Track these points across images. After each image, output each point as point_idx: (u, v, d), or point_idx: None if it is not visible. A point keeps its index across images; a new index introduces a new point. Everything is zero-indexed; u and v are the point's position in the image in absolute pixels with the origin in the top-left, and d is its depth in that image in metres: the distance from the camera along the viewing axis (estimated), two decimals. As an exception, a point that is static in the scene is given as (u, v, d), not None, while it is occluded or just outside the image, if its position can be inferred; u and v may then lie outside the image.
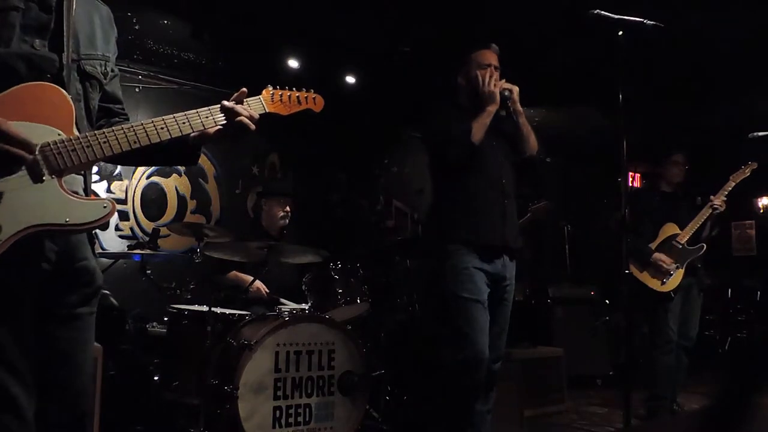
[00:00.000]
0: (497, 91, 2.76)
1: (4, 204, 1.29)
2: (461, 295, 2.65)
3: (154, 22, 4.66)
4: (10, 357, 1.35)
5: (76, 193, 1.43)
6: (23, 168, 1.32)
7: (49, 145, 1.34)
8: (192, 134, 1.56)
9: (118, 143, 1.43)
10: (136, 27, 4.54)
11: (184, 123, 1.53)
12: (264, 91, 1.73)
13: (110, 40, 1.62)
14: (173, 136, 1.51)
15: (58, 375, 1.47)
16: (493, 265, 2.74)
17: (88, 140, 1.39)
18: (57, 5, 1.43)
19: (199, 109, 1.57)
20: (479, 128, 2.71)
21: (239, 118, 1.58)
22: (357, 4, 4.50)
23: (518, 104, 2.81)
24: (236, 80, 2.12)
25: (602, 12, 2.59)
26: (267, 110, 1.71)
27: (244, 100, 1.66)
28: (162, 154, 1.62)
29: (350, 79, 5.65)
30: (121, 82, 1.74)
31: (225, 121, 1.58)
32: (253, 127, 1.61)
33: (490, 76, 2.78)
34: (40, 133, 1.34)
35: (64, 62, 1.42)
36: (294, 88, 1.79)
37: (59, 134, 1.36)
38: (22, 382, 1.36)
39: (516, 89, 2.80)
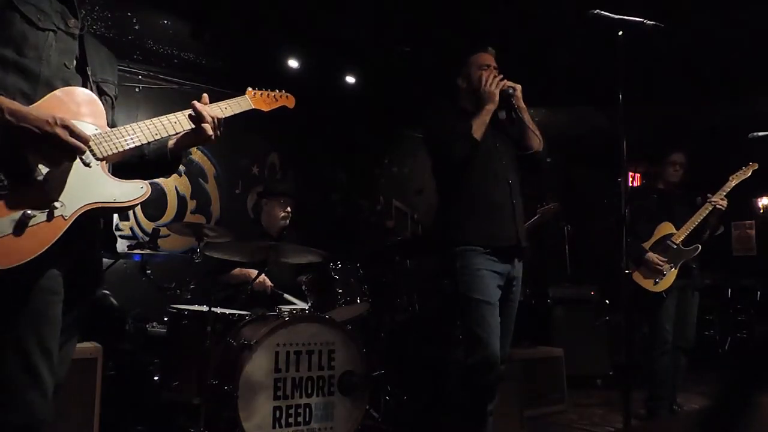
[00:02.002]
0: (496, 90, 2.78)
1: (65, 184, 1.51)
2: (474, 296, 2.65)
3: (154, 22, 4.66)
4: (48, 343, 1.49)
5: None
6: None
7: (90, 137, 1.56)
8: (170, 142, 1.79)
9: (144, 134, 1.67)
10: (136, 27, 4.54)
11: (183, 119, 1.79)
12: (248, 91, 2.03)
13: (115, 73, 1.85)
14: (185, 129, 1.77)
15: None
16: (503, 266, 2.74)
17: (121, 133, 1.63)
18: (79, 35, 1.68)
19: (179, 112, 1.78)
20: (479, 125, 2.73)
21: (204, 125, 1.77)
22: (357, 4, 4.50)
23: (521, 101, 2.83)
24: (236, 80, 2.16)
25: (602, 12, 2.60)
26: (252, 106, 2.00)
27: (236, 99, 1.92)
28: (151, 166, 1.81)
29: (350, 79, 5.65)
30: (121, 82, 1.86)
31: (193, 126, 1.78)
32: (210, 133, 1.79)
33: (493, 77, 2.81)
34: (83, 128, 1.55)
35: (88, 79, 1.67)
36: (270, 89, 2.12)
37: (96, 129, 1.60)
38: (51, 364, 1.50)
39: (519, 87, 2.82)
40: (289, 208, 4.00)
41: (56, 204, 1.47)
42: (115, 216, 4.89)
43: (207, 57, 5.07)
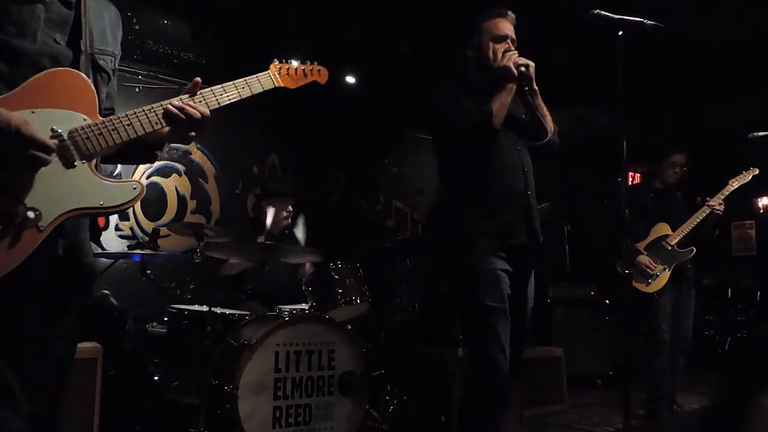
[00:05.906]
0: (510, 64, 2.44)
1: (40, 190, 1.32)
2: (486, 303, 2.37)
3: (154, 22, 4.66)
4: (19, 357, 1.35)
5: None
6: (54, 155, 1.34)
7: (77, 130, 1.38)
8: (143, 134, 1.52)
9: (141, 125, 1.46)
10: (136, 27, 4.54)
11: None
12: (271, 66, 1.77)
13: (117, 38, 1.65)
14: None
15: (34, 368, 1.44)
16: (516, 265, 2.48)
17: (114, 124, 1.43)
18: (75, 1, 1.48)
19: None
20: (500, 109, 2.40)
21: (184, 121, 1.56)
22: (357, 4, 4.50)
23: (534, 83, 2.50)
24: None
25: (602, 12, 2.59)
26: (276, 84, 1.75)
27: (255, 76, 1.69)
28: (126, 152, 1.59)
29: (350, 79, 5.65)
30: (121, 82, 1.76)
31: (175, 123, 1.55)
32: (192, 133, 1.58)
33: (504, 50, 2.50)
34: (66, 119, 1.37)
35: (81, 54, 1.46)
36: (299, 62, 1.84)
37: (84, 119, 1.40)
38: (25, 378, 1.36)
39: (532, 65, 2.48)
40: (290, 207, 4.03)
41: (29, 213, 1.30)
42: (115, 216, 4.89)
43: (207, 57, 5.07)
